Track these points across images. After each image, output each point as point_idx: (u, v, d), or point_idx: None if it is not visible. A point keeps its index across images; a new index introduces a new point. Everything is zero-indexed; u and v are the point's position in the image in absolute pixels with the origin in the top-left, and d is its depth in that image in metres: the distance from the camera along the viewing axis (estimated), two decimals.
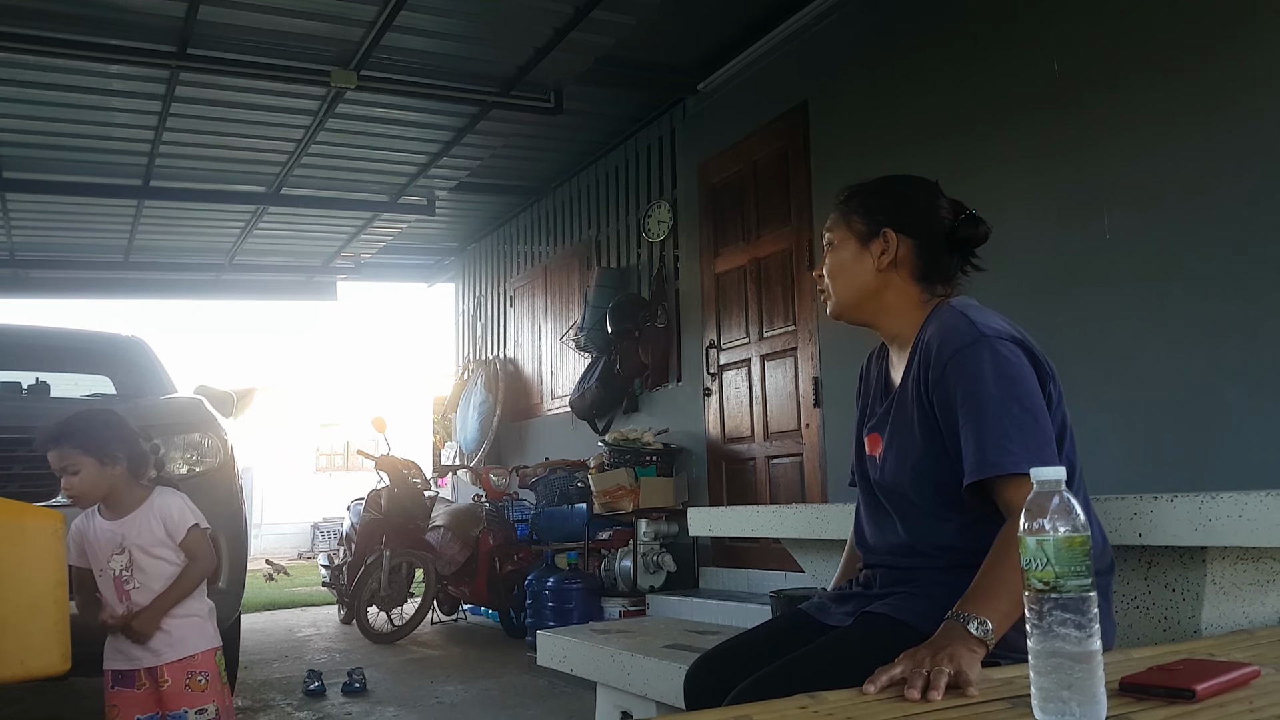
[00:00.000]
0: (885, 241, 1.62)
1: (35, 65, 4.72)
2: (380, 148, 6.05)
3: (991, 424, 1.40)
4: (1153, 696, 1.07)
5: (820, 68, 4.80)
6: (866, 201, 1.66)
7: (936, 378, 1.49)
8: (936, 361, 1.50)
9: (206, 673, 2.35)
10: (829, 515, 2.34)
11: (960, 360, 1.46)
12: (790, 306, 4.97)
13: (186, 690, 2.31)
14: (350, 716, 4.05)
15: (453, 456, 8.43)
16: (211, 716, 2.34)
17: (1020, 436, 1.39)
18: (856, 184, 1.70)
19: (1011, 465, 1.37)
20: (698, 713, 1.10)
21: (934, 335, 1.53)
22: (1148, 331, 3.27)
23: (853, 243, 1.65)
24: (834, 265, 1.68)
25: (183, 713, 2.30)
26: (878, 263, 1.62)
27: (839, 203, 1.70)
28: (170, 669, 2.31)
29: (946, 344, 1.49)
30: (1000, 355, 1.45)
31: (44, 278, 8.52)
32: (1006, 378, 1.43)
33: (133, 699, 2.31)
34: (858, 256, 1.64)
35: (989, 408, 1.41)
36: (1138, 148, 3.33)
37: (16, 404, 4.19)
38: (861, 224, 1.65)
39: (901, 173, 1.73)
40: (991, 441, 1.39)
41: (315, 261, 8.70)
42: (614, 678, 2.79)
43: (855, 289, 1.65)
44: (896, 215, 1.63)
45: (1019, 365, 1.45)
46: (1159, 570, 1.74)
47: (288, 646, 6.16)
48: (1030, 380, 1.45)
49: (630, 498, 5.32)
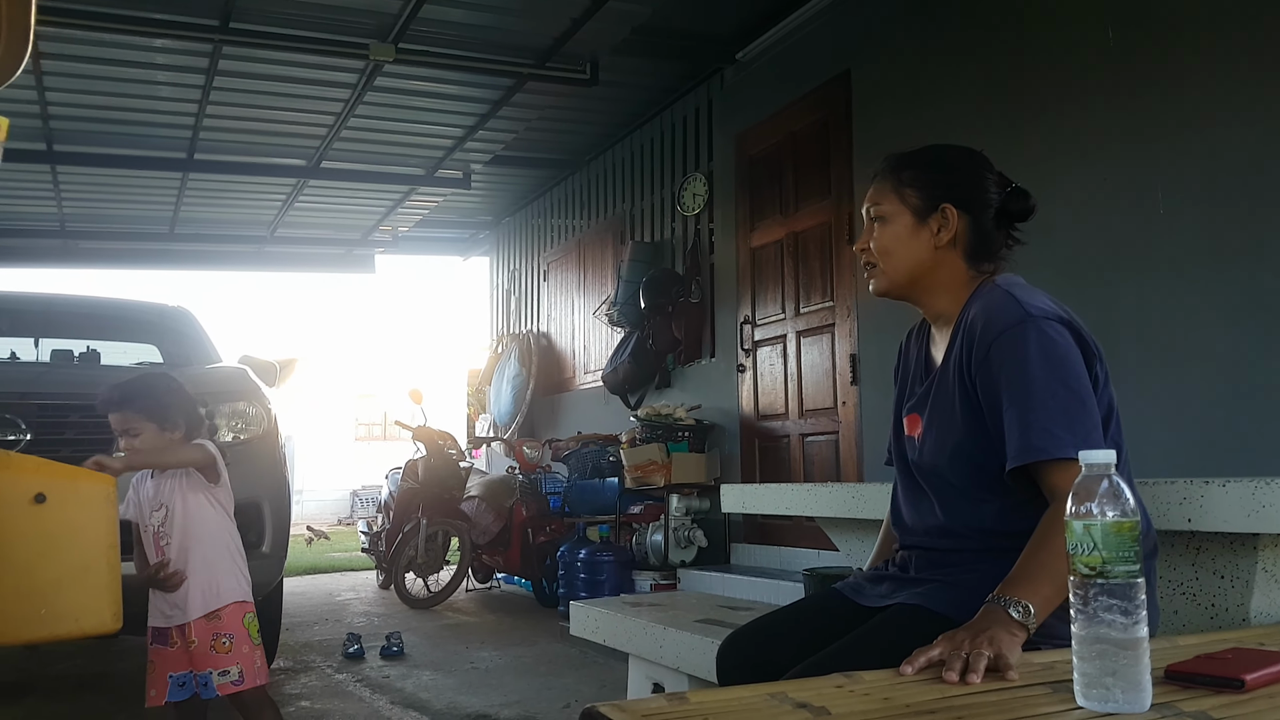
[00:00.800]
0: (944, 218, 1.55)
1: (83, 40, 4.78)
2: (417, 121, 6.07)
3: (1037, 407, 1.37)
4: (1199, 685, 1.05)
5: (863, 36, 4.72)
6: (922, 174, 1.58)
7: (980, 358, 1.46)
8: (981, 341, 1.46)
9: (231, 635, 2.39)
10: (866, 495, 2.32)
11: (1006, 341, 1.42)
12: (828, 282, 4.92)
13: (212, 651, 2.37)
14: (388, 679, 4.13)
15: (487, 429, 8.51)
16: (234, 679, 2.37)
17: (1066, 420, 1.36)
18: (905, 153, 1.63)
19: (1057, 450, 1.34)
20: (732, 688, 1.10)
21: (979, 314, 1.49)
22: (1200, 311, 3.19)
23: (908, 217, 1.57)
24: (887, 240, 1.59)
25: (207, 673, 2.36)
26: (936, 240, 1.56)
27: (887, 172, 1.61)
28: (198, 629, 2.36)
29: (992, 324, 1.45)
30: (1047, 336, 1.41)
31: (93, 248, 8.70)
32: (1053, 360, 1.39)
33: (168, 656, 2.38)
34: (914, 232, 1.57)
35: (1034, 391, 1.38)
36: (1192, 121, 3.23)
37: (68, 371, 4.30)
38: (917, 197, 1.57)
39: (960, 145, 1.66)
40: (1037, 425, 1.36)
41: (354, 234, 8.77)
42: (646, 650, 2.82)
43: (909, 266, 1.58)
44: (956, 190, 1.56)
45: (1066, 346, 1.41)
46: (1208, 556, 1.71)
47: (328, 610, 6.29)
48: (1077, 362, 1.41)
49: (662, 473, 5.34)
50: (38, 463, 2.08)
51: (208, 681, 2.35)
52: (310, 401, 19.25)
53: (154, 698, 2.37)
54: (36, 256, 8.54)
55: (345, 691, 3.94)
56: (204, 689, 2.36)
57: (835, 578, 2.28)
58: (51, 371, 4.22)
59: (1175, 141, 3.28)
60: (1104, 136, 3.52)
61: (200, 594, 2.39)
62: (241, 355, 4.37)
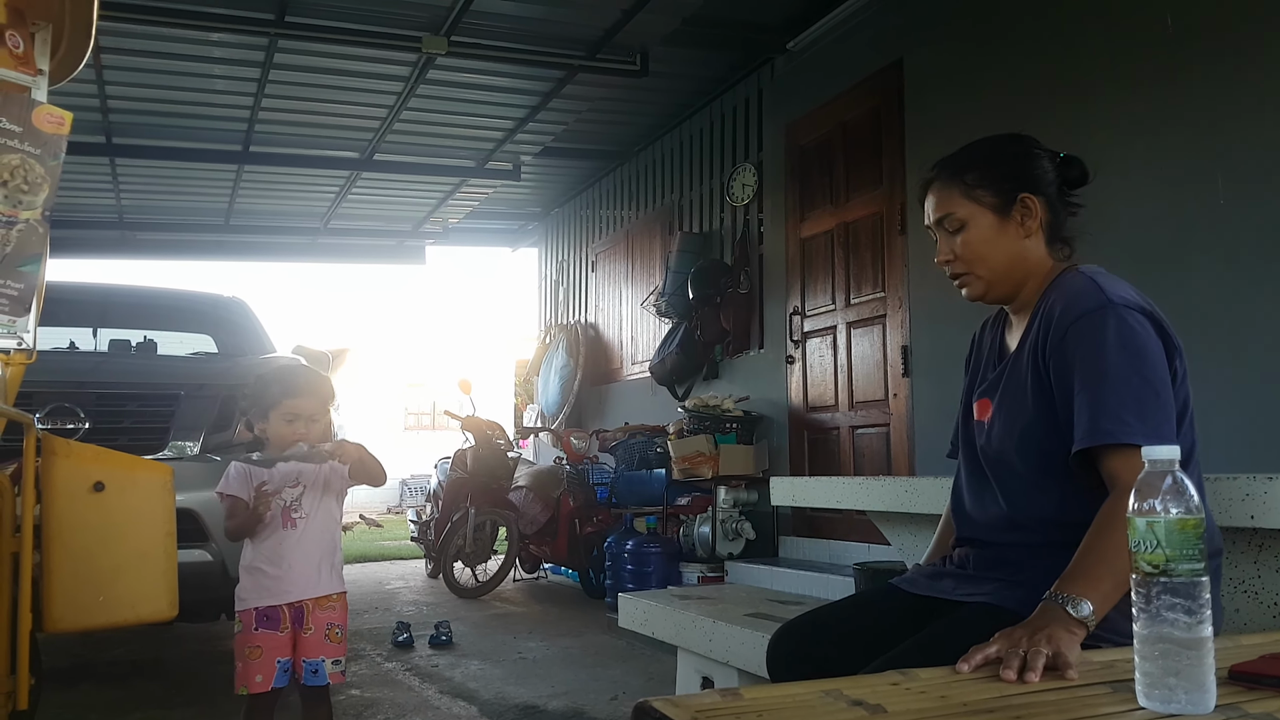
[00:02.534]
0: (1026, 208, 1.55)
1: (141, 34, 4.89)
2: (468, 113, 6.12)
3: (1109, 393, 1.35)
4: (1265, 686, 1.02)
5: (917, 24, 4.64)
6: (987, 171, 1.57)
7: (1056, 341, 1.44)
8: (1058, 326, 1.45)
9: (342, 626, 2.47)
10: (919, 489, 2.29)
11: (1084, 326, 1.41)
12: (880, 272, 4.86)
13: (326, 641, 2.42)
14: (437, 668, 4.18)
15: (534, 419, 8.56)
16: (342, 668, 2.48)
17: (1138, 408, 1.34)
18: (955, 157, 1.61)
19: (1125, 436, 1.32)
20: (786, 684, 1.09)
21: (1058, 299, 1.48)
22: (1262, 303, 3.09)
23: (989, 216, 1.56)
24: (974, 244, 1.56)
25: (320, 661, 2.41)
26: (1024, 230, 1.55)
27: (948, 178, 1.59)
28: (315, 617, 2.42)
29: (1071, 308, 1.44)
30: (1126, 324, 1.39)
31: (150, 240, 8.91)
32: (1131, 348, 1.37)
33: (275, 642, 2.38)
34: (1000, 229, 1.56)
35: (1108, 376, 1.36)
36: (1254, 109, 3.13)
37: (126, 361, 4.40)
38: (992, 195, 1.56)
39: (1002, 133, 1.64)
40: (1108, 410, 1.34)
41: (405, 226, 8.87)
42: (695, 643, 2.81)
43: (1006, 264, 1.56)
44: (1026, 178, 1.56)
45: (1145, 336, 1.39)
46: (1270, 554, 1.67)
47: (378, 598, 6.39)
48: (1155, 353, 1.39)
49: (709, 464, 5.32)
50: (97, 451, 2.13)
51: (318, 669, 2.40)
52: (361, 391, 19.55)
53: (260, 683, 2.35)
54: (95, 248, 8.77)
55: (395, 680, 4.00)
56: (313, 675, 2.40)
57: (887, 573, 2.25)
58: (109, 361, 4.33)
59: (1238, 130, 3.18)
60: (1163, 122, 3.42)
61: (332, 570, 2.48)
62: (295, 345, 4.44)
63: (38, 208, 1.66)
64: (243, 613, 2.41)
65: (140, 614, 2.18)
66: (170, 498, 2.21)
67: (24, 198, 1.64)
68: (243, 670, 2.37)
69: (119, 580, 2.13)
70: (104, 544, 2.09)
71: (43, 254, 1.68)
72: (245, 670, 2.37)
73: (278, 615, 2.40)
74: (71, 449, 2.07)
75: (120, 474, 2.12)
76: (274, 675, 2.37)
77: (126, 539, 2.14)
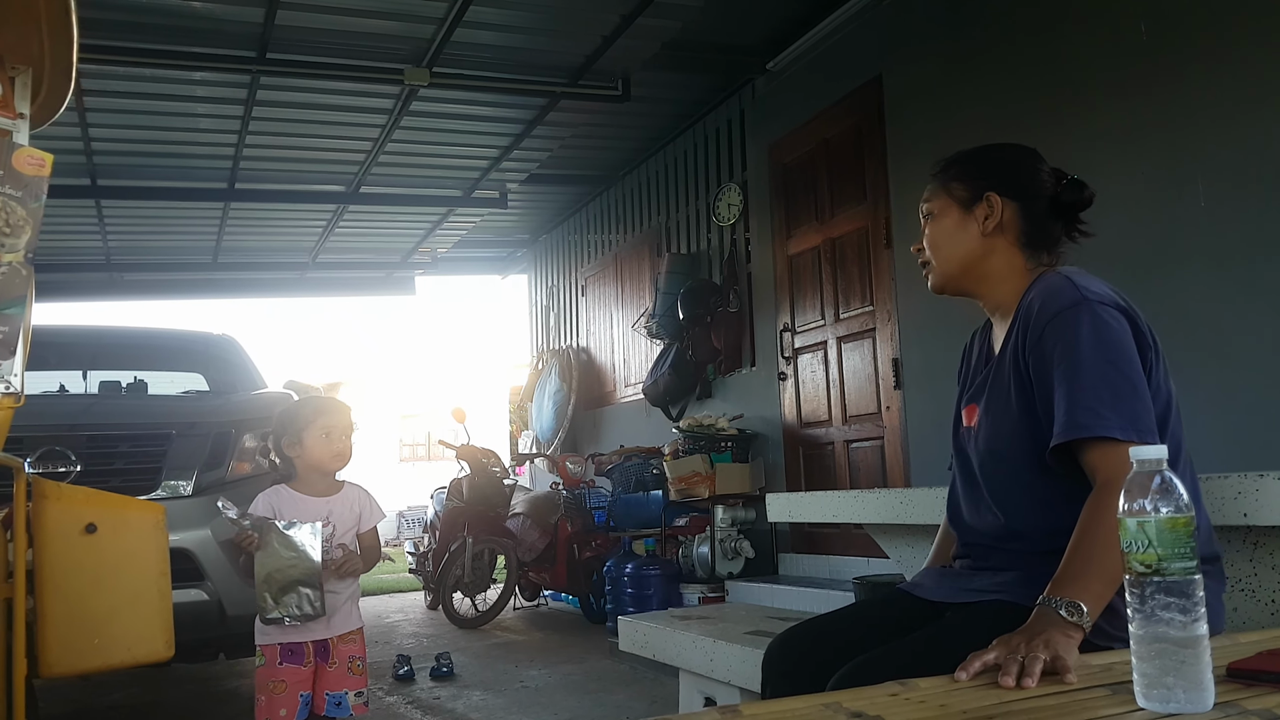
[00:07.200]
0: (989, 205, 1.58)
1: (124, 76, 4.90)
2: (453, 143, 6.14)
3: (1085, 386, 1.36)
4: (1263, 683, 1.02)
5: (895, 39, 4.69)
6: (966, 167, 1.62)
7: (1034, 339, 1.46)
8: (1035, 323, 1.46)
9: (363, 658, 2.51)
10: (915, 499, 2.29)
11: (1059, 322, 1.42)
12: (868, 286, 4.88)
13: (349, 673, 2.46)
14: (439, 701, 4.15)
15: (530, 445, 8.54)
16: (365, 700, 2.49)
17: (1113, 401, 1.34)
18: (958, 154, 1.66)
19: (1101, 429, 1.32)
20: (784, 699, 1.08)
21: (1035, 298, 1.49)
22: (1244, 305, 3.12)
23: (955, 210, 1.61)
24: (935, 235, 1.63)
25: (343, 693, 2.44)
26: (982, 227, 1.58)
27: (936, 172, 1.66)
28: (338, 650, 2.45)
29: (1047, 306, 1.46)
30: (1100, 319, 1.40)
31: (138, 280, 8.90)
32: (1105, 342, 1.39)
33: (299, 676, 2.40)
34: (961, 223, 1.60)
35: (1083, 370, 1.37)
36: (1232, 115, 3.17)
37: (116, 402, 4.39)
38: (963, 190, 1.61)
39: (1015, 143, 1.69)
40: (1083, 404, 1.35)
41: (394, 258, 8.88)
42: (697, 664, 2.79)
43: (959, 257, 1.61)
44: (998, 179, 1.59)
45: (1119, 331, 1.40)
46: (1265, 551, 1.67)
47: (377, 631, 6.33)
48: (1130, 347, 1.40)
49: (706, 484, 5.31)
50: (88, 494, 2.12)
51: (341, 701, 2.43)
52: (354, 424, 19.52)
53: (284, 718, 2.36)
54: (83, 290, 8.75)
55: (397, 714, 3.96)
56: (336, 708, 2.42)
57: (887, 586, 2.25)
58: (100, 403, 4.31)
59: (1216, 135, 3.22)
60: (1142, 130, 3.46)
61: (353, 605, 2.53)
62: (287, 380, 4.44)
63: (20, 250, 1.66)
64: (266, 647, 2.41)
65: (137, 655, 2.17)
66: (163, 537, 2.20)
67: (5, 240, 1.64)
68: (266, 704, 2.37)
69: (114, 622, 2.12)
70: (98, 586, 2.08)
71: (27, 297, 1.68)
72: (269, 704, 2.37)
73: (301, 650, 2.41)
74: (62, 491, 2.06)
75: (112, 515, 2.11)
76: (297, 709, 2.38)
77: (120, 580, 2.13)
